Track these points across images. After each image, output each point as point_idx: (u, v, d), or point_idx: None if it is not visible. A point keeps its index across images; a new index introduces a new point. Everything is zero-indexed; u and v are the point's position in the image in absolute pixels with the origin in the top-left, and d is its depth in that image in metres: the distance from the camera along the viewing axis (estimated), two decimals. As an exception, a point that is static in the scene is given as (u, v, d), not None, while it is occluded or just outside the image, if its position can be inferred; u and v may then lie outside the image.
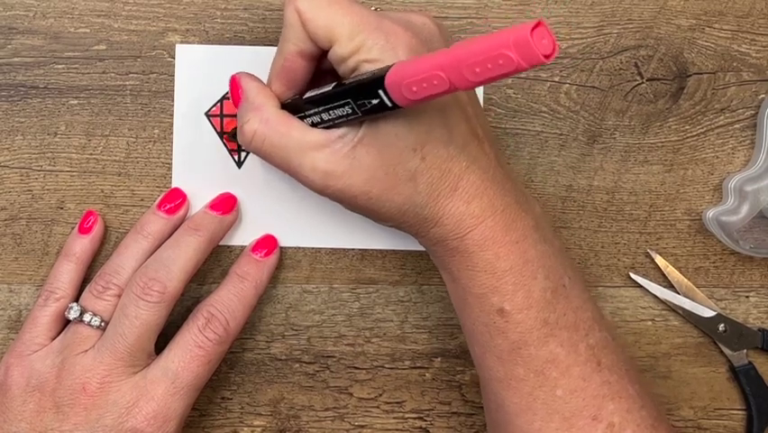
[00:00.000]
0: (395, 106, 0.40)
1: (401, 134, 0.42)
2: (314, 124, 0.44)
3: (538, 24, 0.33)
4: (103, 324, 0.49)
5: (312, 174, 0.44)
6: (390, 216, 0.45)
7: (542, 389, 0.45)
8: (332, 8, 0.43)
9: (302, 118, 0.45)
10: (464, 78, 0.36)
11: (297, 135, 0.44)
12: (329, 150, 0.43)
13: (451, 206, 0.44)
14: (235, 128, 0.52)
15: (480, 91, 0.54)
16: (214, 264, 0.54)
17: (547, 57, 0.33)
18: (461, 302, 0.46)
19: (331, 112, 0.43)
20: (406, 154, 0.43)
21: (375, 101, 0.40)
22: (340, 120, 0.43)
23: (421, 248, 0.53)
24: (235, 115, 0.53)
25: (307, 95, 0.45)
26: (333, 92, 0.43)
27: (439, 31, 0.45)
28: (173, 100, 0.53)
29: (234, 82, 0.48)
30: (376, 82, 0.40)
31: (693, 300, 0.54)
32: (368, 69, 0.42)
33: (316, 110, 0.44)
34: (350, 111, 0.42)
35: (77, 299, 0.51)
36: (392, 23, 0.43)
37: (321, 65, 0.46)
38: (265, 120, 0.45)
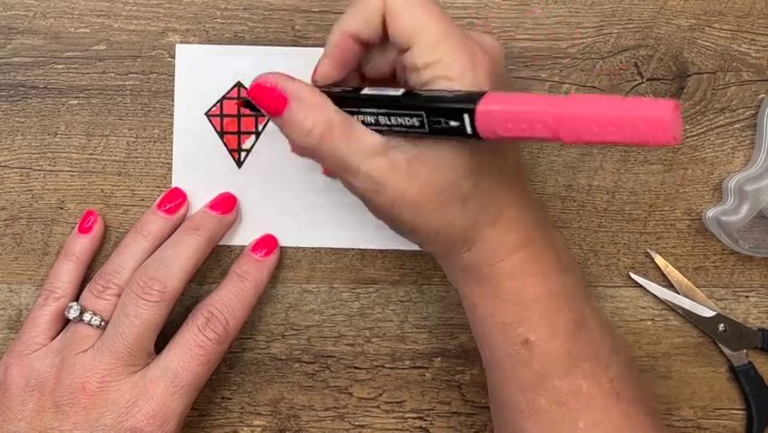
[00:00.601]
0: (473, 136, 0.38)
1: (460, 156, 0.41)
2: (364, 123, 0.42)
3: (677, 107, 0.32)
4: (103, 323, 0.49)
5: (365, 180, 0.42)
6: (427, 233, 0.43)
7: (564, 420, 0.44)
8: (422, 9, 0.41)
9: (350, 113, 0.42)
10: (575, 132, 0.34)
11: (357, 138, 0.42)
12: (386, 158, 0.41)
13: (489, 233, 0.43)
14: (247, 99, 0.46)
15: (479, 91, 0.53)
16: (214, 264, 0.54)
17: (675, 140, 0.32)
18: (483, 330, 0.46)
19: (393, 118, 0.41)
20: (460, 176, 0.41)
21: (454, 123, 0.38)
22: (400, 129, 0.41)
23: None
24: (235, 115, 0.53)
25: (367, 92, 0.43)
26: (406, 101, 0.40)
27: (504, 57, 0.44)
28: (173, 100, 0.53)
29: (269, 84, 0.43)
30: (464, 106, 0.37)
31: (693, 300, 0.54)
32: (444, 86, 0.40)
33: (376, 111, 0.41)
34: (417, 124, 0.40)
35: (76, 299, 0.51)
36: (475, 44, 0.41)
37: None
38: (327, 119, 0.42)
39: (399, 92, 0.41)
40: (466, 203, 0.42)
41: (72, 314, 0.49)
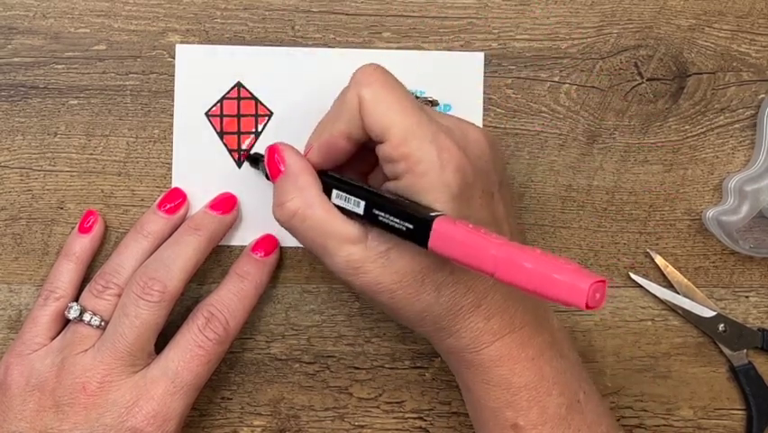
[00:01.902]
0: (424, 246, 0.40)
1: None
2: (339, 206, 0.45)
3: (602, 282, 0.36)
4: (103, 323, 0.49)
5: (343, 265, 0.44)
6: (407, 317, 0.45)
7: None
8: (392, 105, 0.43)
9: (328, 190, 0.45)
10: (511, 275, 0.37)
11: (337, 225, 0.44)
12: (364, 246, 0.44)
13: (470, 320, 0.44)
14: (255, 154, 0.52)
15: (479, 92, 0.54)
16: (214, 264, 0.54)
17: (588, 307, 0.36)
18: (476, 413, 0.47)
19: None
20: (436, 265, 0.43)
21: (411, 227, 0.41)
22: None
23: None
24: (235, 115, 0.53)
25: (351, 180, 0.46)
26: (377, 199, 0.43)
27: (490, 150, 0.45)
28: (173, 100, 0.53)
29: (275, 152, 0.47)
30: (422, 225, 0.40)
31: (693, 300, 0.54)
32: (410, 182, 0.42)
33: (356, 200, 0.44)
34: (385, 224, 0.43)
35: (76, 299, 0.51)
36: (447, 138, 0.43)
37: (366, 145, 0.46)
38: (309, 203, 0.45)
39: (361, 206, 0.44)
40: (441, 291, 0.43)
41: (72, 314, 0.49)
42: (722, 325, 0.54)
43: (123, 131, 0.53)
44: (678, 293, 0.54)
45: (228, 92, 0.53)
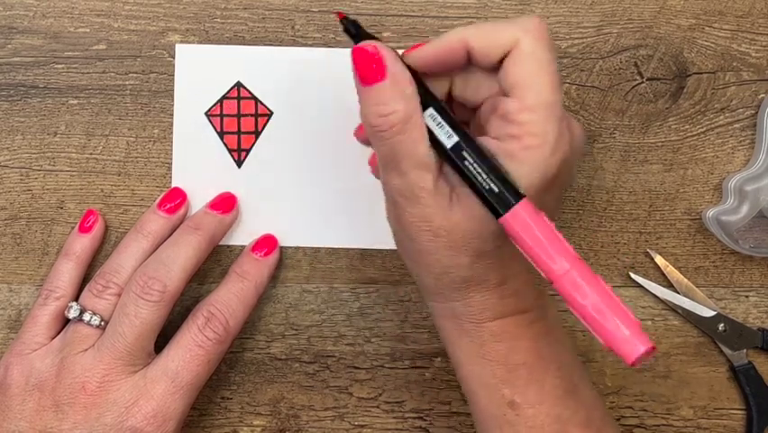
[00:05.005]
0: (498, 215, 0.39)
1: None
2: (430, 132, 0.41)
3: (654, 349, 0.36)
4: (102, 323, 0.49)
5: (406, 187, 0.41)
6: (429, 266, 0.43)
7: None
8: (543, 70, 0.40)
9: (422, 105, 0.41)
10: (573, 294, 0.37)
11: (421, 149, 0.41)
12: (435, 178, 0.41)
13: (487, 294, 0.43)
14: (348, 19, 0.44)
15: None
16: (214, 264, 0.54)
17: (632, 364, 0.36)
18: (471, 389, 0.46)
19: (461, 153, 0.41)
20: (488, 234, 0.41)
21: (494, 190, 0.39)
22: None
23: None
24: (235, 115, 0.53)
25: (446, 106, 0.42)
26: (471, 142, 0.40)
27: (583, 145, 0.44)
28: (173, 100, 0.53)
29: (374, 53, 0.41)
30: (506, 195, 0.39)
31: (693, 300, 0.54)
32: (511, 148, 0.40)
33: (450, 131, 0.41)
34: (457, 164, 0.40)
35: (76, 299, 0.51)
36: (567, 129, 0.40)
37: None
38: (407, 117, 0.40)
39: (453, 140, 0.40)
40: (479, 259, 0.42)
41: (72, 314, 0.49)
42: (722, 325, 0.54)
43: (123, 131, 0.53)
44: (678, 293, 0.54)
45: (228, 92, 0.53)
